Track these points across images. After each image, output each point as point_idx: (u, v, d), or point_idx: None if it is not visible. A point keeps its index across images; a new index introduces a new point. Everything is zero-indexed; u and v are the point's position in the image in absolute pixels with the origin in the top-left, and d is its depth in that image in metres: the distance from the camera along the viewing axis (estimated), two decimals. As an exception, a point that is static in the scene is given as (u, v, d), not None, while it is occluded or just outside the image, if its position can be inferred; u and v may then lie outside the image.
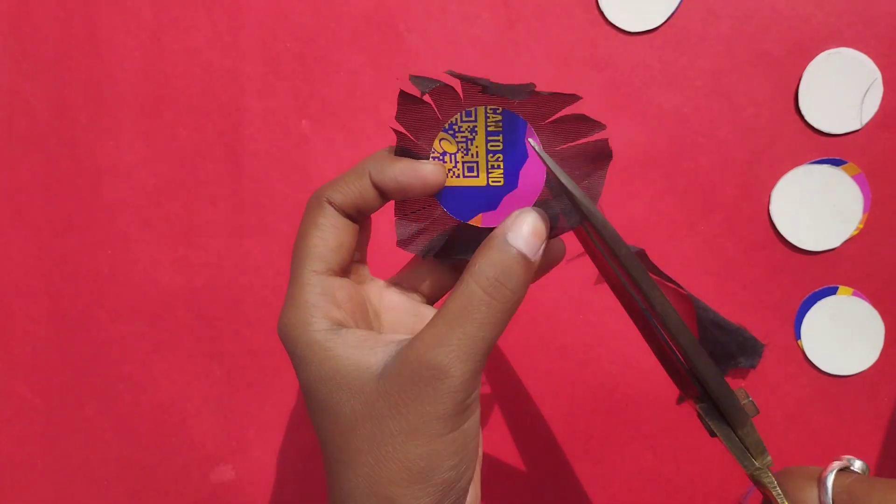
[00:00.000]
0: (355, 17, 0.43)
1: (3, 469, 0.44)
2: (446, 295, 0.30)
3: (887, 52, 0.40)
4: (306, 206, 0.27)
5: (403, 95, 0.26)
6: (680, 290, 0.41)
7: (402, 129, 0.27)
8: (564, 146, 0.27)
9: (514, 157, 0.27)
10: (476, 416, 0.25)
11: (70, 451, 0.44)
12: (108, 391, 0.44)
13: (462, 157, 0.27)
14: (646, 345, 0.30)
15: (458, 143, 0.27)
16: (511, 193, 0.27)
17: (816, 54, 0.40)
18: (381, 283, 0.29)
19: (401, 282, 0.29)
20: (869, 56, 0.40)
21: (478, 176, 0.27)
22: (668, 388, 0.41)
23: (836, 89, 0.40)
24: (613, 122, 0.41)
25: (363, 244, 0.29)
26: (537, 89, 0.26)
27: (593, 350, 0.41)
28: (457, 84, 0.26)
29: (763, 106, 0.40)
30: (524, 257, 0.24)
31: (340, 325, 0.25)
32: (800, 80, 0.40)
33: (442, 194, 0.27)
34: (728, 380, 0.36)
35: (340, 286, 0.27)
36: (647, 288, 0.24)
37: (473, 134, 0.27)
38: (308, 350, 0.25)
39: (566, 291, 0.41)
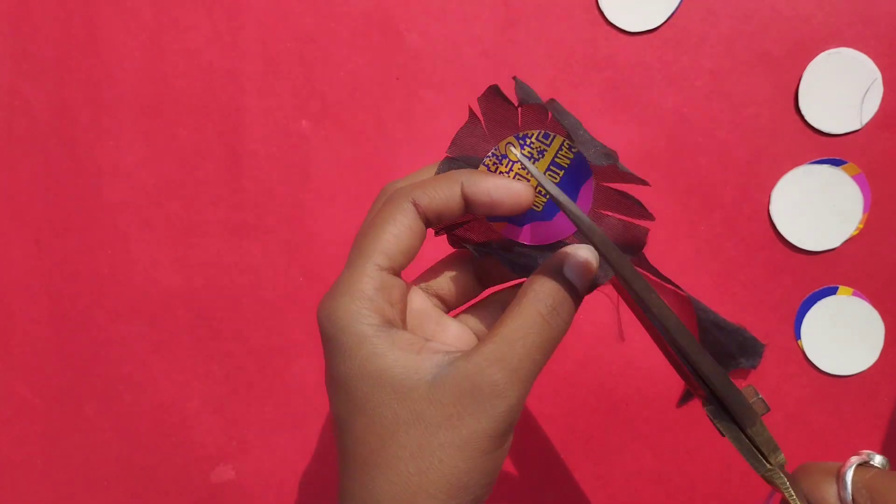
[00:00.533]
0: (355, 17, 0.43)
1: (3, 469, 0.44)
2: (465, 304, 0.30)
3: (887, 51, 0.40)
4: (385, 197, 0.27)
5: (495, 89, 0.27)
6: (679, 291, 0.41)
7: (478, 112, 0.27)
8: (609, 213, 0.28)
9: (569, 186, 0.27)
10: (511, 439, 0.25)
11: (70, 451, 0.44)
12: (108, 391, 0.44)
13: (518, 168, 0.27)
14: (644, 345, 0.30)
15: (522, 154, 0.27)
16: (542, 223, 0.28)
17: (816, 54, 0.40)
18: (406, 283, 0.29)
19: (425, 286, 0.29)
20: (869, 56, 0.40)
21: None
22: (667, 389, 0.41)
23: (836, 89, 0.40)
24: (613, 121, 0.41)
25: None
26: (619, 159, 0.27)
27: (593, 350, 0.41)
28: (549, 107, 0.27)
29: (763, 106, 0.40)
30: (576, 291, 0.25)
31: (391, 324, 0.25)
32: (800, 80, 0.40)
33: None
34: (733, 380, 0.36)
35: (398, 286, 0.26)
36: (641, 291, 0.24)
37: (541, 156, 0.27)
38: (355, 342, 0.24)
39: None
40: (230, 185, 0.43)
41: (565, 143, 0.27)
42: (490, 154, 0.28)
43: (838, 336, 0.41)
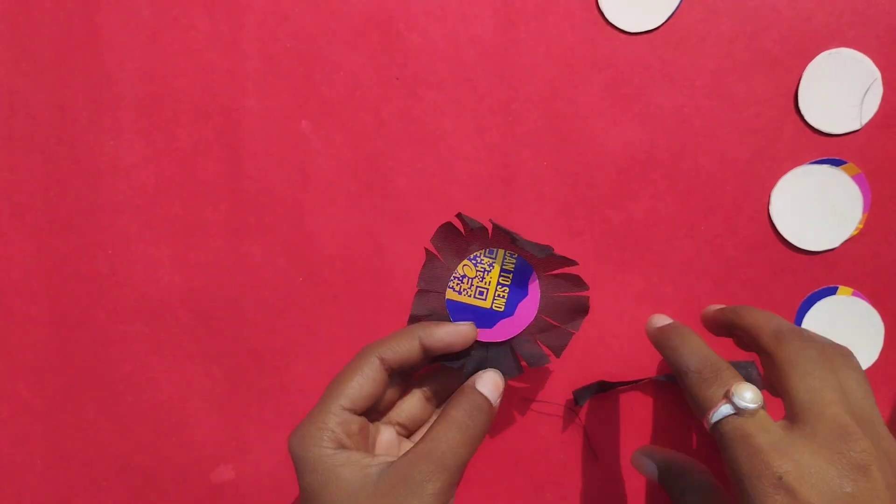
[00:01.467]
0: (355, 17, 0.43)
1: (2, 469, 0.44)
2: (421, 427, 0.37)
3: (887, 52, 0.40)
4: (358, 354, 0.34)
5: (448, 226, 0.35)
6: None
7: (433, 250, 0.35)
8: (555, 294, 0.35)
9: (517, 293, 0.35)
10: None
11: (70, 451, 0.44)
12: (108, 391, 0.44)
13: (477, 282, 0.35)
14: (643, 347, 0.32)
15: (477, 271, 0.35)
16: (506, 319, 0.35)
17: (816, 54, 0.40)
18: (376, 424, 0.36)
19: (390, 419, 0.36)
20: (869, 56, 0.40)
21: (485, 300, 0.35)
22: (666, 390, 0.41)
23: (836, 89, 0.40)
24: (613, 122, 0.41)
25: (390, 406, 0.36)
26: (554, 252, 0.34)
27: (593, 350, 0.41)
28: (489, 227, 0.35)
29: (763, 106, 0.40)
30: (488, 401, 0.33)
31: (344, 446, 0.32)
32: (800, 80, 0.40)
33: (453, 308, 0.35)
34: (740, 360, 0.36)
35: (356, 422, 0.33)
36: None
37: (491, 268, 0.35)
38: (317, 459, 0.31)
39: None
40: (230, 185, 0.43)
41: (507, 253, 0.35)
42: (452, 278, 0.35)
43: (838, 336, 0.40)
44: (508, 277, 0.35)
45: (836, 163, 0.40)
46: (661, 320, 0.36)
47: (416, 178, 0.42)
